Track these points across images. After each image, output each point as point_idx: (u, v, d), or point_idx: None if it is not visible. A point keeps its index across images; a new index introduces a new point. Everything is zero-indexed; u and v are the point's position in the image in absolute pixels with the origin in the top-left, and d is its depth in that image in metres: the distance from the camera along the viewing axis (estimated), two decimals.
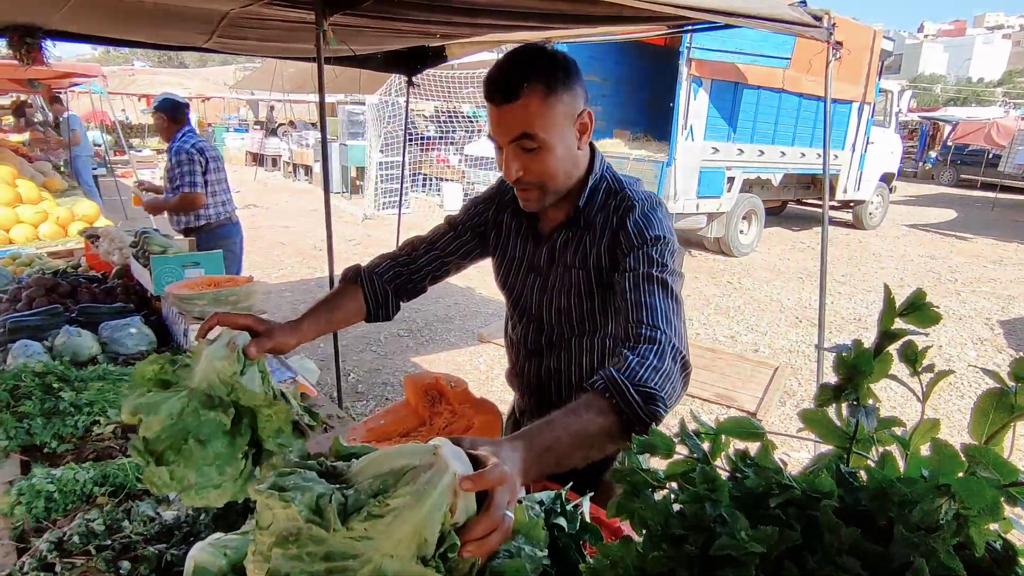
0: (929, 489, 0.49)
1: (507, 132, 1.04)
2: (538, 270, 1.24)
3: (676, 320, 0.99)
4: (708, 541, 0.51)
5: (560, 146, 1.07)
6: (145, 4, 2.30)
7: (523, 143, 1.04)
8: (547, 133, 1.04)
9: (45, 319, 2.13)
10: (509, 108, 1.02)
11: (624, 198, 1.14)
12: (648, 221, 1.10)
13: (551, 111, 1.03)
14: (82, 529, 1.01)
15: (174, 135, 3.54)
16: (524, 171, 1.07)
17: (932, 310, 0.59)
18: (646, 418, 0.87)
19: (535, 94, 1.02)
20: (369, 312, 1.28)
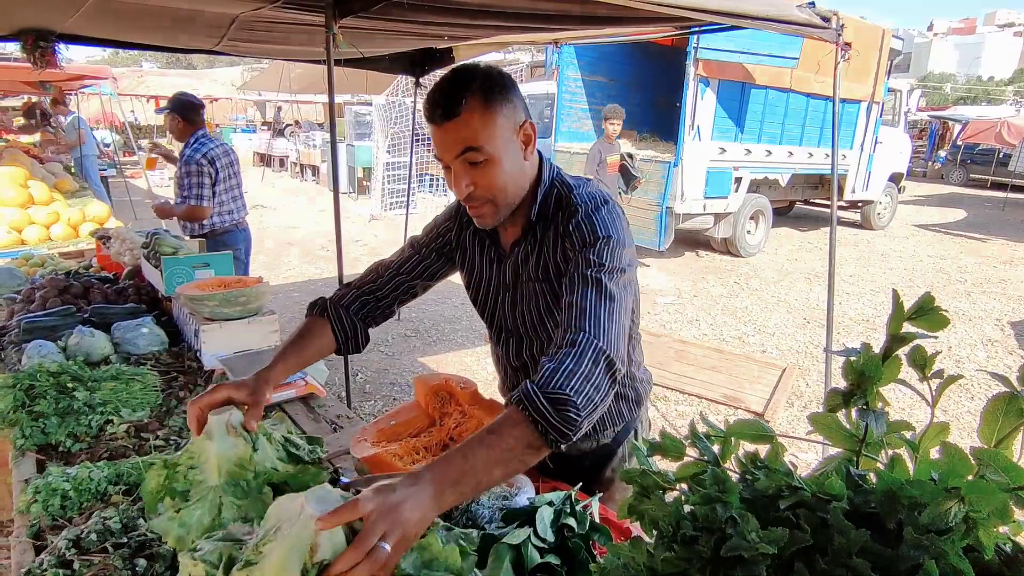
0: (939, 492, 0.50)
1: (452, 148, 1.05)
2: (506, 287, 1.25)
3: (606, 318, 0.98)
4: (719, 542, 0.52)
5: (506, 158, 1.08)
6: (157, 8, 2.33)
7: (468, 157, 1.05)
8: (491, 145, 1.05)
9: (59, 319, 2.16)
10: (451, 124, 1.03)
11: (568, 203, 1.14)
12: (590, 223, 1.09)
13: (492, 123, 1.05)
14: (99, 527, 1.02)
15: (187, 139, 3.48)
16: (474, 186, 1.08)
17: (941, 314, 0.59)
18: (560, 424, 0.87)
19: (475, 109, 1.03)
20: (339, 345, 1.27)
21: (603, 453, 1.41)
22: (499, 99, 1.06)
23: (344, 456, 1.51)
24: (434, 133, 1.07)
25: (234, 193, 3.67)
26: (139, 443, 1.55)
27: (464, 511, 0.95)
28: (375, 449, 1.13)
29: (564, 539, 0.90)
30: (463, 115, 1.02)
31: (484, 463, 0.83)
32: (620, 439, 1.41)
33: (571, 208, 1.12)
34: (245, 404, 1.00)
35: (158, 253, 2.47)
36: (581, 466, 1.37)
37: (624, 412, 1.39)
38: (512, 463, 0.86)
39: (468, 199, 1.10)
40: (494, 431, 0.87)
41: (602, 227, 1.08)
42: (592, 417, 0.91)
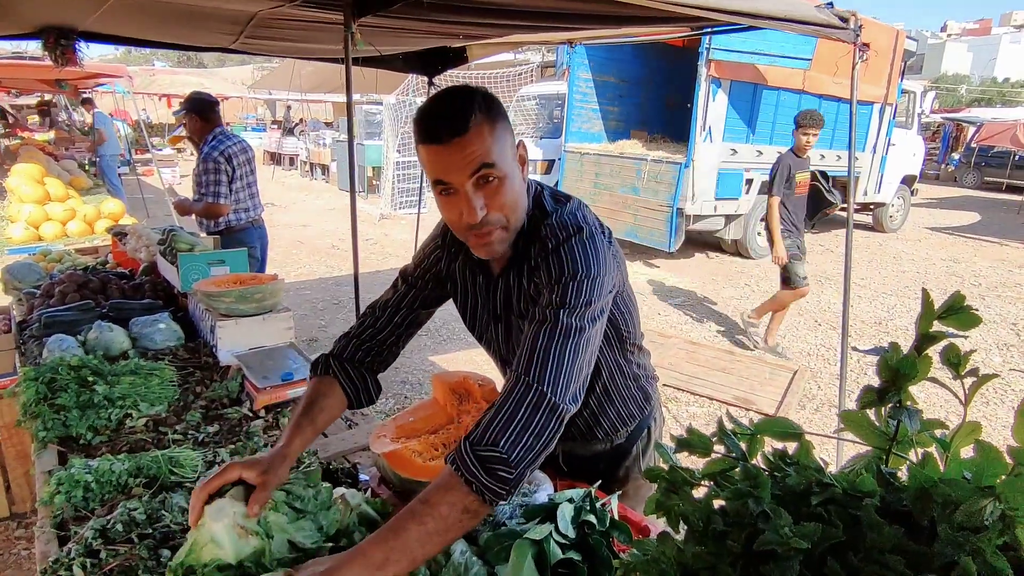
0: (973, 490, 0.50)
1: (465, 167, 0.95)
2: (498, 316, 1.19)
3: (555, 359, 0.92)
4: (751, 537, 0.52)
5: (514, 177, 1.00)
6: (177, 5, 2.35)
7: (484, 174, 0.96)
8: (503, 163, 0.98)
9: (78, 314, 2.19)
10: (461, 141, 0.93)
11: (539, 233, 1.05)
12: (558, 257, 1.00)
13: (501, 140, 0.98)
14: (125, 518, 1.04)
15: (205, 137, 3.50)
16: (488, 208, 0.98)
17: (971, 313, 0.59)
18: (492, 485, 0.84)
19: (483, 123, 0.95)
20: (351, 401, 1.21)
21: (618, 452, 1.40)
22: (501, 116, 0.99)
23: (361, 452, 1.52)
24: (435, 155, 0.96)
25: (251, 191, 3.70)
26: (158, 436, 1.57)
27: None
28: (395, 445, 1.14)
29: (584, 536, 0.91)
30: (472, 130, 0.93)
31: (417, 538, 0.81)
32: (634, 438, 1.40)
33: (542, 239, 1.04)
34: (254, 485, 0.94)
35: (174, 249, 2.49)
36: (596, 467, 1.37)
37: (635, 412, 1.38)
38: (450, 532, 0.83)
39: (481, 224, 0.98)
40: (427, 500, 0.84)
41: (570, 262, 0.99)
42: (533, 465, 0.88)
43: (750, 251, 7.87)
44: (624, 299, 1.21)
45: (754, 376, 4.31)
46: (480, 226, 0.99)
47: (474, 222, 0.98)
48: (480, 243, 1.03)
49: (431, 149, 0.96)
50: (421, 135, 0.97)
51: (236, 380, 1.86)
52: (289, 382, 1.81)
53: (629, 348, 1.30)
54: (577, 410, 0.96)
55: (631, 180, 7.23)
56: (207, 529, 0.86)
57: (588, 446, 1.38)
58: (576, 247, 1.01)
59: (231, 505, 0.90)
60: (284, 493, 0.95)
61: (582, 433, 1.34)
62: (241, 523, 0.87)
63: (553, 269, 0.99)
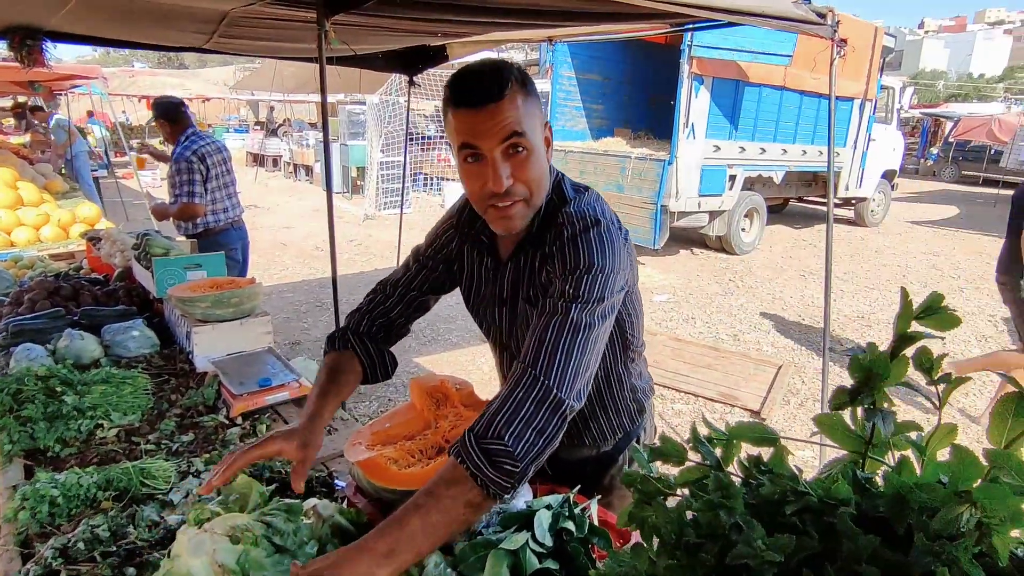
0: (949, 495, 0.48)
1: (496, 134, 0.94)
2: (503, 301, 1.17)
3: (563, 354, 0.90)
4: (724, 550, 0.50)
5: (540, 153, 1.00)
6: (146, 4, 2.29)
7: (514, 142, 0.95)
8: (533, 135, 0.97)
9: (47, 322, 2.13)
10: (496, 107, 0.93)
11: (556, 220, 1.05)
12: (574, 247, 0.99)
13: (531, 112, 0.97)
14: (87, 535, 1.00)
15: (177, 139, 3.48)
16: (513, 179, 0.97)
17: (950, 313, 0.58)
18: (497, 478, 0.83)
19: (517, 93, 0.95)
20: (367, 376, 1.21)
21: (604, 459, 1.37)
22: (534, 92, 0.99)
23: (339, 460, 1.49)
24: (468, 119, 0.94)
25: (228, 191, 3.64)
26: (130, 447, 1.53)
27: None
28: (370, 453, 1.11)
29: (563, 543, 0.89)
30: (507, 98, 0.93)
31: (421, 531, 0.80)
32: (622, 446, 1.37)
33: (558, 226, 1.03)
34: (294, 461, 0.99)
35: (149, 254, 2.44)
36: (582, 471, 1.34)
37: (625, 424, 1.34)
38: (453, 525, 0.83)
39: (505, 195, 0.97)
40: (432, 492, 0.83)
41: (586, 254, 0.97)
42: (538, 460, 0.86)
43: (734, 247, 7.92)
44: (632, 301, 1.19)
45: (739, 372, 4.33)
46: (504, 196, 0.98)
47: (499, 191, 0.97)
48: (500, 215, 1.01)
49: (464, 113, 0.95)
50: (454, 99, 0.96)
51: (212, 387, 1.82)
52: (267, 388, 1.77)
53: (631, 356, 1.28)
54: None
55: (615, 178, 7.24)
56: (184, 563, 0.83)
57: (574, 451, 1.35)
58: (593, 239, 0.99)
59: (211, 541, 0.86)
60: (264, 526, 0.92)
61: (569, 436, 1.30)
62: (220, 561, 0.84)
63: (568, 259, 0.98)
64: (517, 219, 1.02)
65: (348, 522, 1.01)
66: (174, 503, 1.22)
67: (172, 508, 1.21)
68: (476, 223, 1.16)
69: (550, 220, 1.06)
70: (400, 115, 9.79)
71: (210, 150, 3.50)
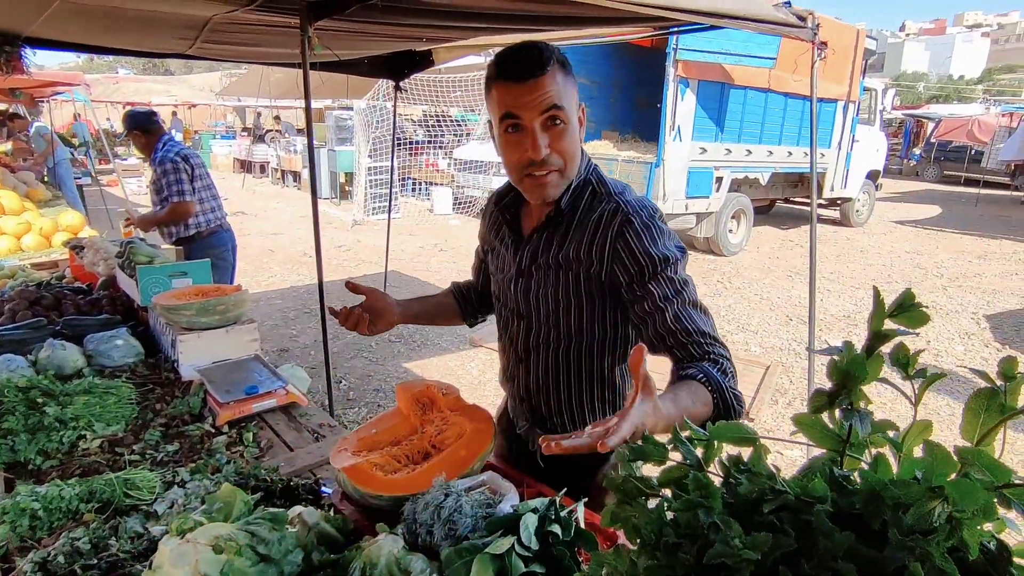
0: (922, 492, 0.49)
1: (538, 106, 1.02)
2: (520, 272, 1.24)
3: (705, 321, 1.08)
4: (702, 549, 0.51)
5: (576, 129, 1.08)
6: (127, 10, 2.28)
7: (553, 115, 1.03)
8: (571, 110, 1.05)
9: (28, 332, 2.10)
10: (538, 81, 1.01)
11: (617, 205, 1.12)
12: (652, 237, 1.08)
13: (570, 90, 1.05)
14: (67, 548, 0.98)
15: (154, 147, 3.47)
16: (551, 149, 1.05)
17: (921, 311, 0.59)
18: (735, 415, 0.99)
19: (558, 69, 1.03)
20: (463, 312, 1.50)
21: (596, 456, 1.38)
22: (572, 74, 1.07)
23: (325, 466, 1.48)
24: (511, 91, 1.03)
25: (212, 192, 3.65)
26: (113, 458, 1.51)
27: (446, 521, 0.93)
28: (356, 459, 1.11)
29: (549, 547, 0.89)
30: (549, 73, 1.01)
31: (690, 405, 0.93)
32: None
33: (622, 215, 1.10)
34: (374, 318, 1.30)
35: (133, 262, 2.41)
36: (574, 467, 1.33)
37: None
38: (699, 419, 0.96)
39: (542, 164, 1.06)
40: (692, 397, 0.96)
41: (668, 240, 1.10)
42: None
43: (722, 248, 7.98)
44: None
45: None
46: (540, 165, 1.06)
47: (538, 158, 1.05)
48: (536, 184, 1.10)
49: (507, 86, 1.03)
50: (499, 73, 1.04)
51: (198, 395, 1.80)
52: (254, 395, 1.76)
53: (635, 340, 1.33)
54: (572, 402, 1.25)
55: None
56: (166, 574, 0.81)
57: None
58: (663, 225, 1.12)
59: (194, 551, 0.85)
60: (249, 535, 0.91)
61: (565, 427, 1.33)
62: (203, 571, 0.83)
63: (652, 247, 1.08)
64: (551, 187, 1.10)
65: (334, 529, 1.01)
66: (159, 514, 1.21)
67: (156, 519, 1.19)
68: (503, 201, 1.27)
69: (595, 198, 1.15)
70: (387, 120, 9.77)
71: (189, 153, 3.52)
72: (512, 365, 1.35)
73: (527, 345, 1.28)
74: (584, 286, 1.15)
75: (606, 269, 1.12)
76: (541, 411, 1.32)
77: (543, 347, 1.25)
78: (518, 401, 1.39)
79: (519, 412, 1.40)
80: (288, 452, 1.58)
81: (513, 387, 1.38)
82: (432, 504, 0.94)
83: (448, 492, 0.97)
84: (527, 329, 1.27)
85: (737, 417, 1.00)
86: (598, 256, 1.12)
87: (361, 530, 1.05)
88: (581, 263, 1.14)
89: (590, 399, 1.28)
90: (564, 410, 1.29)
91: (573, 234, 1.15)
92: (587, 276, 1.14)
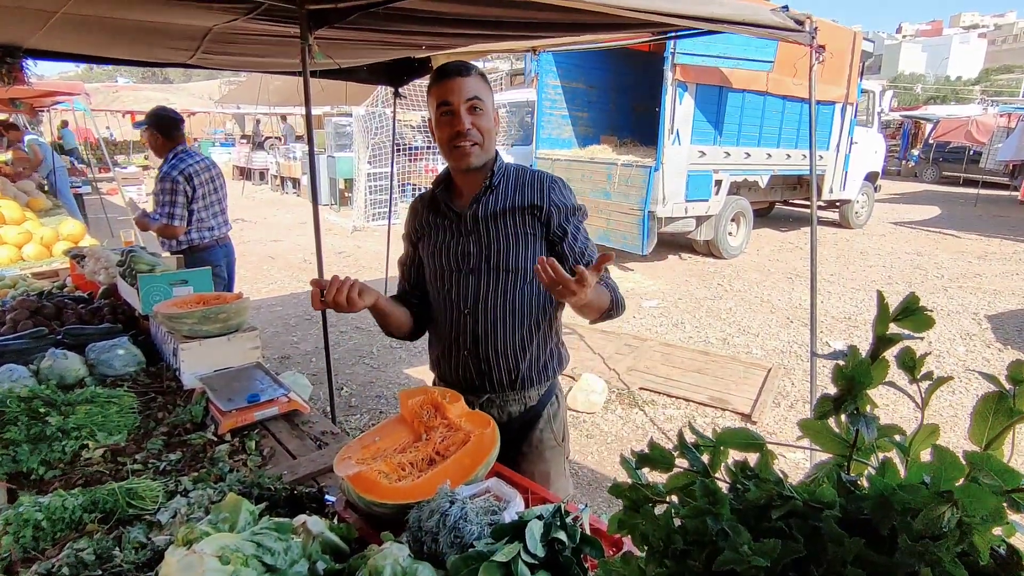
0: (931, 496, 0.49)
1: (464, 94, 1.41)
2: (468, 231, 1.53)
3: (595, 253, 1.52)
4: (711, 556, 0.50)
5: (491, 119, 1.46)
6: (128, 21, 2.29)
7: (474, 103, 1.42)
8: (487, 104, 1.44)
9: (30, 342, 2.10)
10: (464, 80, 1.41)
11: (540, 172, 1.56)
12: (571, 193, 1.56)
13: (487, 93, 1.45)
14: (71, 559, 0.98)
15: (166, 155, 3.42)
16: (472, 125, 1.42)
17: (926, 315, 0.59)
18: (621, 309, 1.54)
19: (479, 77, 1.45)
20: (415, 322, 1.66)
21: (530, 416, 1.62)
22: (490, 88, 1.48)
23: (329, 475, 1.48)
24: (443, 86, 1.41)
25: (215, 209, 3.61)
26: (116, 468, 1.51)
27: (451, 528, 0.93)
28: (360, 467, 1.10)
29: (555, 553, 0.89)
30: (473, 75, 1.43)
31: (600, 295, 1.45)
32: (544, 401, 1.63)
33: (547, 176, 1.55)
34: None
35: (134, 271, 2.41)
36: (511, 429, 1.58)
37: (551, 370, 1.62)
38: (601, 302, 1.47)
39: (465, 136, 1.42)
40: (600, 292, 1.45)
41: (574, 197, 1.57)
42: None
43: (722, 251, 7.98)
44: None
45: (729, 376, 4.35)
46: (465, 136, 1.42)
47: (462, 130, 1.41)
48: (462, 153, 1.44)
49: (443, 83, 1.42)
50: (437, 76, 1.44)
51: (200, 404, 1.80)
52: (256, 403, 1.76)
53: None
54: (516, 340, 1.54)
55: (602, 185, 7.28)
56: None
57: (505, 407, 1.60)
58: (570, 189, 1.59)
59: (201, 562, 0.84)
60: (255, 545, 0.90)
61: (502, 384, 1.57)
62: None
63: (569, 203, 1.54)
64: (474, 157, 1.45)
65: (339, 538, 1.01)
66: (162, 524, 1.21)
67: (160, 529, 1.19)
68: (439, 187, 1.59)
69: (520, 171, 1.56)
70: (386, 126, 9.80)
71: (198, 169, 3.44)
72: (456, 321, 1.57)
73: (476, 296, 1.53)
74: (528, 226, 1.50)
75: (545, 209, 1.50)
76: (488, 357, 1.55)
77: (492, 294, 1.52)
78: (462, 357, 1.58)
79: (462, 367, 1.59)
80: (291, 460, 1.58)
81: (456, 344, 1.58)
82: (437, 512, 0.94)
83: (453, 499, 0.96)
84: (476, 281, 1.53)
85: (617, 310, 1.52)
86: (539, 199, 1.50)
87: (365, 539, 1.05)
88: (524, 207, 1.50)
89: (531, 336, 1.55)
90: (509, 351, 1.54)
91: (511, 191, 1.52)
92: (530, 215, 1.50)
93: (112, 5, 2.11)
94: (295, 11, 2.19)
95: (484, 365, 1.56)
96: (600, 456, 3.42)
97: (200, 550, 0.83)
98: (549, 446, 1.63)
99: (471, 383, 1.59)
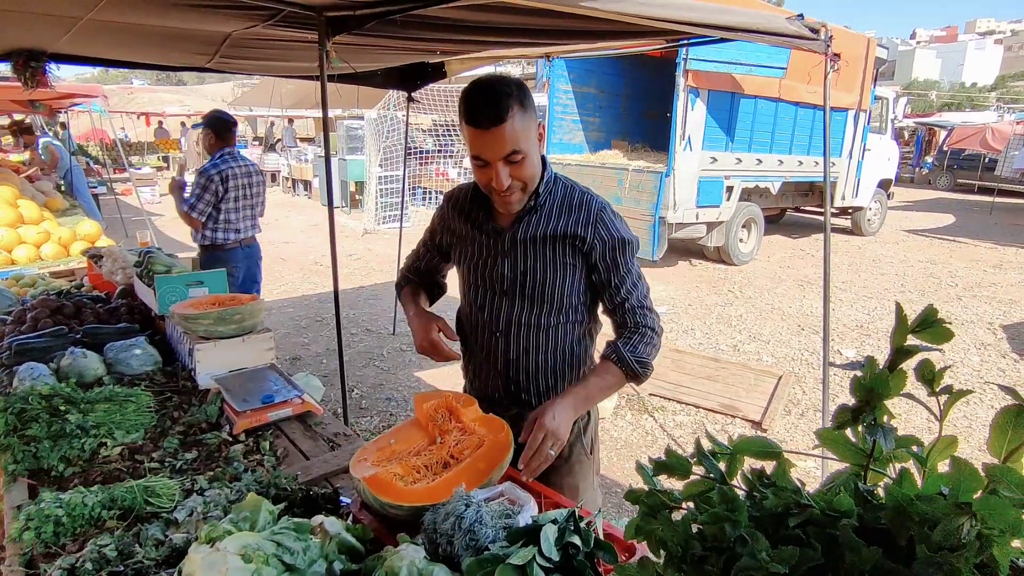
0: (950, 508, 0.49)
1: (499, 151, 1.25)
2: (505, 253, 1.44)
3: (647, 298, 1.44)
4: (729, 562, 0.51)
5: (533, 153, 1.31)
6: (149, 27, 2.33)
7: (511, 157, 1.26)
8: (527, 144, 1.27)
9: (50, 341, 2.13)
10: (498, 130, 1.22)
11: (590, 194, 1.44)
12: (622, 224, 1.43)
13: (527, 125, 1.26)
14: (95, 555, 1.00)
15: (214, 153, 3.64)
16: (512, 178, 1.30)
17: (944, 327, 0.59)
18: (642, 376, 1.39)
19: (515, 115, 1.22)
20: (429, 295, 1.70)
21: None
22: (530, 104, 1.27)
23: (344, 476, 1.49)
24: (477, 136, 1.24)
25: (245, 212, 3.79)
26: (133, 466, 1.53)
27: (467, 531, 0.94)
28: (375, 469, 1.12)
29: (569, 557, 0.89)
30: (507, 122, 1.21)
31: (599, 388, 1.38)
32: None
33: (596, 200, 1.42)
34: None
35: (151, 271, 2.45)
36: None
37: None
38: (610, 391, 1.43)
39: (508, 189, 1.30)
40: (598, 374, 1.40)
41: (629, 230, 1.44)
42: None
43: (732, 258, 7.95)
44: None
45: (740, 383, 4.33)
46: (507, 191, 1.31)
47: (502, 189, 1.30)
48: (503, 201, 1.35)
49: (473, 131, 1.24)
50: (465, 117, 1.25)
51: (215, 404, 1.82)
52: (270, 404, 1.78)
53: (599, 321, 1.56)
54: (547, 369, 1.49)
55: (613, 190, 7.28)
56: None
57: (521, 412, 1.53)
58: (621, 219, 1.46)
59: (224, 560, 0.86)
60: (275, 544, 0.92)
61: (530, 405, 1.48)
62: None
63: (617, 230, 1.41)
64: (515, 204, 1.37)
65: (355, 538, 1.02)
66: (178, 522, 1.23)
67: (176, 527, 1.21)
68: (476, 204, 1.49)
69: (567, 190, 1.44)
70: (398, 130, 9.86)
71: (237, 172, 3.64)
72: (487, 341, 1.52)
73: (509, 319, 1.47)
74: (568, 256, 1.40)
75: (588, 241, 1.38)
76: (519, 380, 1.51)
77: (525, 321, 1.46)
78: (492, 375, 1.54)
79: (492, 386, 1.56)
80: (304, 461, 1.59)
81: (488, 363, 1.54)
82: (453, 514, 0.95)
83: (468, 502, 0.97)
84: (510, 305, 1.46)
85: (639, 379, 1.39)
86: (583, 229, 1.39)
87: (380, 540, 1.06)
88: (567, 235, 1.39)
89: (561, 365, 1.50)
90: (540, 377, 1.50)
91: (556, 214, 1.40)
92: (571, 246, 1.39)
93: (135, 11, 2.15)
94: (314, 18, 2.22)
95: (514, 386, 1.52)
96: (609, 462, 3.41)
97: (223, 548, 0.85)
98: (578, 459, 1.58)
99: (500, 400, 1.55)
